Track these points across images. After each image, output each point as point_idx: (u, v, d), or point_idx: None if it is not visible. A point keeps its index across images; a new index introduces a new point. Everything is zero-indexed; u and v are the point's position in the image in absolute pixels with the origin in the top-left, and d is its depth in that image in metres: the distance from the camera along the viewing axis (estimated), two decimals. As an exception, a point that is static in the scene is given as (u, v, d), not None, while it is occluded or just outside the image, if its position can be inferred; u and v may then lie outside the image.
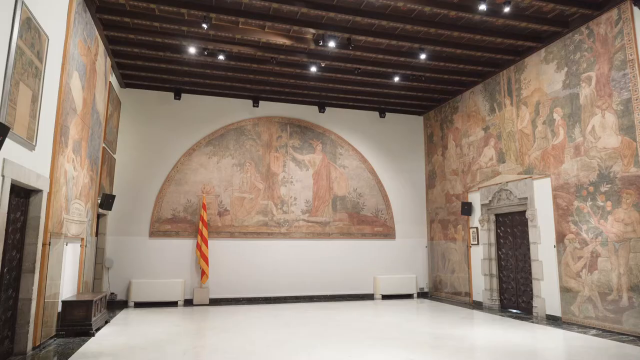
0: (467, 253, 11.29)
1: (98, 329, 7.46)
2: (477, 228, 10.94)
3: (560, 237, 8.44)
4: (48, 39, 5.85)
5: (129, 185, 11.09)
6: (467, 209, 11.13)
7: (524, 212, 9.55)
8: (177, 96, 11.53)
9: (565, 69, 8.56)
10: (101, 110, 9.17)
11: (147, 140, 11.40)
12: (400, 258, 12.87)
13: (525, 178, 9.39)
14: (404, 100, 12.47)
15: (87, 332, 6.88)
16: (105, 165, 9.92)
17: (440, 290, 12.44)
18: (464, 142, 11.67)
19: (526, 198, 9.37)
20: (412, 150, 13.58)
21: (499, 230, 10.49)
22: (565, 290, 8.27)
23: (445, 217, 12.31)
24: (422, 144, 13.71)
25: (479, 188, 10.93)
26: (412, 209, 13.25)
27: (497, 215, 10.54)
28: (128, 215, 10.96)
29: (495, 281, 10.37)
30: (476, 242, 10.93)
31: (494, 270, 10.41)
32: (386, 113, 13.28)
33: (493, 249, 10.51)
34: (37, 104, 5.63)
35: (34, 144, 5.57)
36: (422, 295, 12.76)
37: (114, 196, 9.54)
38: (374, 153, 13.17)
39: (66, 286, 7.43)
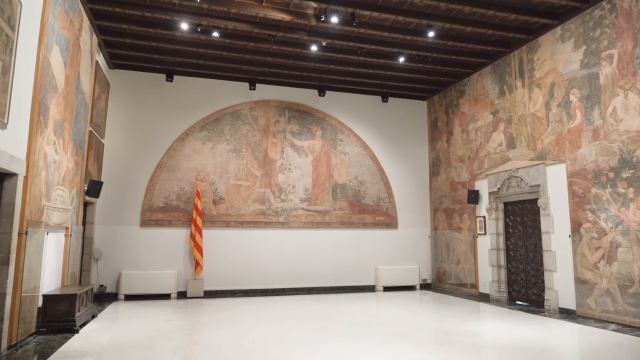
0: (473, 243, 10.82)
1: (83, 325, 6.95)
2: (484, 217, 10.46)
3: (575, 227, 7.96)
4: (21, 5, 5.24)
5: (119, 171, 10.50)
6: (474, 197, 10.64)
7: (535, 200, 9.06)
8: (169, 78, 10.90)
9: (584, 47, 8.02)
10: (87, 91, 8.55)
11: (137, 124, 10.79)
12: (403, 248, 12.40)
13: (538, 164, 8.89)
14: (408, 83, 11.89)
15: (70, 329, 6.35)
16: (93, 150, 9.33)
17: (443, 282, 11.99)
18: (470, 127, 11.14)
19: (538, 185, 8.88)
20: (415, 137, 13.04)
21: (507, 220, 10.01)
22: (580, 282, 7.81)
23: (450, 206, 11.82)
24: (425, 130, 13.17)
25: (486, 175, 10.42)
26: (415, 198, 12.75)
27: (506, 204, 10.06)
28: (118, 203, 10.39)
29: (503, 272, 9.91)
30: (483, 232, 10.46)
31: (502, 261, 9.94)
32: (389, 98, 12.70)
33: (501, 239, 10.04)
34: (9, 76, 5.04)
35: (5, 121, 4.99)
36: (424, 286, 12.31)
37: (102, 183, 8.97)
38: (375, 139, 12.62)
39: (49, 279, 6.89)
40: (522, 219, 9.56)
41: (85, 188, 8.72)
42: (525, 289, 9.38)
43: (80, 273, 9.32)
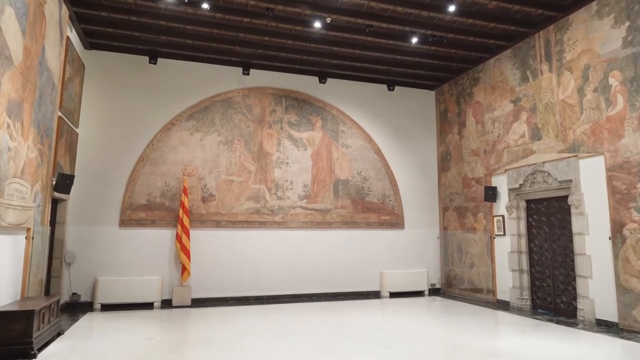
0: (490, 245, 9.83)
1: (45, 346, 5.78)
2: (503, 216, 9.47)
3: (617, 227, 6.99)
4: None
5: (95, 165, 9.30)
6: (491, 194, 9.64)
7: (565, 197, 8.09)
8: (153, 60, 9.71)
9: (627, 23, 7.04)
10: (55, 70, 7.36)
11: (116, 112, 9.60)
12: (410, 250, 11.38)
13: (569, 157, 7.91)
14: (417, 70, 10.84)
15: (26, 353, 5.19)
16: (64, 139, 8.13)
17: (454, 287, 11.00)
18: (486, 117, 10.14)
19: (570, 181, 7.90)
20: (422, 129, 12.01)
21: (530, 219, 9.03)
22: (624, 290, 6.84)
23: (463, 204, 10.82)
24: (433, 122, 12.15)
25: (505, 170, 9.43)
26: (423, 195, 11.73)
27: (528, 202, 9.07)
28: (94, 200, 9.20)
29: (525, 278, 8.93)
30: (502, 233, 9.47)
31: (525, 266, 8.96)
32: (395, 86, 11.64)
33: (523, 241, 9.06)
34: None
35: None
36: (433, 292, 11.30)
37: (73, 177, 7.79)
38: (380, 131, 11.57)
39: (4, 290, 5.71)
40: (549, 218, 8.58)
41: (54, 182, 7.53)
42: (552, 296, 8.41)
43: (48, 281, 8.13)
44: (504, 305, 9.24)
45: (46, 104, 6.99)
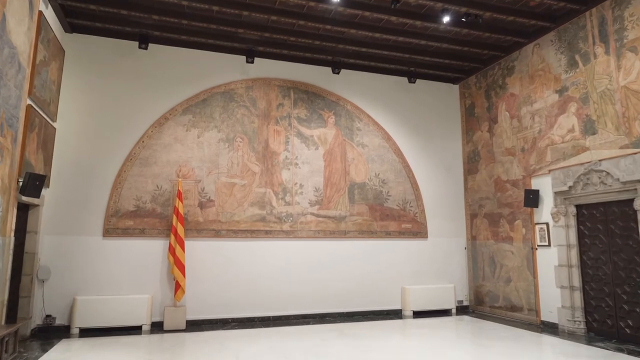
0: (531, 257, 8.53)
1: (-7, 393, 4.46)
2: (547, 224, 8.18)
3: None
4: None
5: (75, 165, 8.02)
6: (532, 199, 8.36)
7: (630, 201, 6.82)
8: (143, 44, 8.46)
9: None
10: (22, 47, 6.11)
11: (101, 104, 8.34)
12: (434, 263, 10.06)
13: (635, 153, 6.65)
14: (442, 59, 9.61)
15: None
16: (35, 133, 6.86)
17: (485, 304, 9.68)
18: (524, 111, 8.89)
19: (636, 181, 6.63)
20: (445, 127, 10.76)
21: (582, 227, 7.74)
22: None
23: (495, 210, 9.53)
24: (457, 119, 10.90)
25: (549, 171, 8.17)
26: (448, 201, 10.44)
27: (579, 207, 7.79)
28: (73, 206, 7.90)
29: (577, 296, 7.62)
30: (546, 243, 8.18)
31: (577, 282, 7.65)
32: (416, 79, 10.38)
33: (573, 253, 7.76)
34: None
35: None
36: (461, 310, 9.97)
37: (44, 177, 6.49)
38: (399, 129, 10.32)
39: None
40: (607, 226, 7.29)
41: (20, 184, 6.24)
42: (613, 319, 7.09)
43: (15, 301, 6.81)
44: (550, 328, 7.92)
45: (8, 88, 5.72)
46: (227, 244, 8.67)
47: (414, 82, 10.29)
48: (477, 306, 9.94)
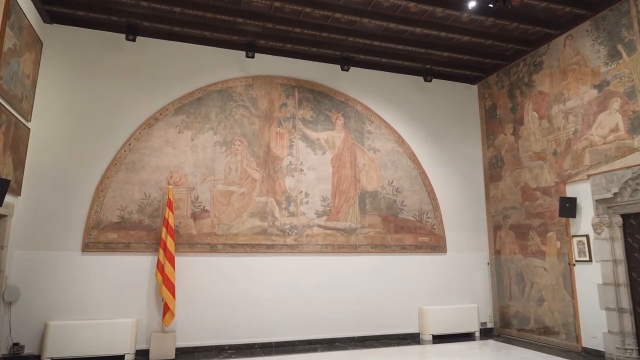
0: (568, 274, 7.52)
1: None
2: (587, 236, 7.20)
3: None
4: None
5: (52, 170, 7.07)
6: (569, 207, 7.39)
7: (692, 209, 5.86)
8: (131, 35, 7.56)
9: None
10: (-17, 31, 5.23)
11: (83, 103, 7.42)
12: (454, 280, 9.05)
13: (698, 153, 5.71)
14: (462, 54, 8.73)
15: None
16: (2, 132, 5.94)
17: (512, 327, 8.64)
18: (555, 110, 7.97)
19: (701, 186, 5.68)
20: (463, 131, 9.84)
21: (630, 240, 6.75)
22: None
23: (523, 221, 8.54)
24: (476, 121, 9.98)
25: (589, 176, 7.21)
26: (468, 211, 9.47)
27: (625, 216, 6.81)
28: (48, 217, 6.93)
29: (628, 320, 6.60)
30: (586, 258, 7.19)
31: (626, 303, 6.64)
32: (432, 78, 9.47)
33: (621, 269, 6.76)
34: None
35: None
36: (485, 333, 8.92)
37: (8, 182, 5.54)
38: (414, 132, 9.40)
39: None
40: (662, 238, 6.32)
41: (-22, 190, 5.29)
42: (674, 347, 6.07)
43: (-28, 329, 5.81)
44: (595, 357, 6.88)
45: (-37, 74, 4.82)
46: (224, 260, 7.68)
47: (430, 81, 9.38)
48: (503, 329, 8.89)
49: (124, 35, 7.62)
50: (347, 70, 8.75)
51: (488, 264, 9.34)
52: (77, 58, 7.49)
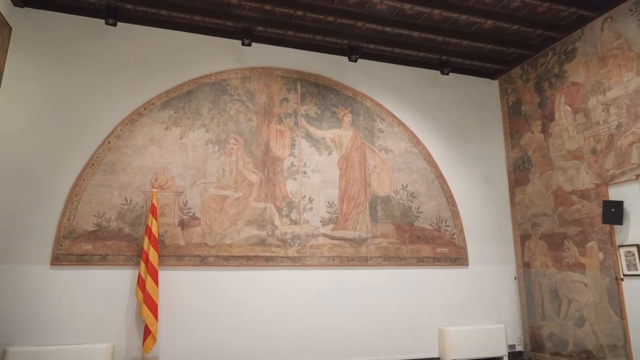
0: (615, 290, 6.47)
1: None
2: (637, 246, 6.18)
3: None
4: None
5: (17, 171, 6.15)
6: (614, 213, 6.38)
7: None
8: (111, 20, 6.68)
9: None
10: None
11: (56, 96, 6.54)
12: (478, 297, 8.00)
13: None
14: (483, 43, 7.82)
15: None
16: (-48, 124, 5.04)
17: (545, 350, 7.56)
18: (593, 102, 7.01)
19: None
20: (484, 130, 8.88)
21: (692, 250, 5.73)
22: None
23: (556, 230, 7.52)
24: (498, 120, 9.03)
25: (638, 176, 6.22)
26: (491, 218, 8.46)
27: (686, 222, 5.81)
28: (11, 224, 5.99)
29: (693, 345, 5.54)
30: (637, 272, 6.15)
31: (691, 325, 5.59)
32: (450, 71, 8.53)
33: (682, 284, 5.73)
34: None
35: None
36: (514, 357, 7.85)
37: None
38: (430, 131, 8.45)
39: None
40: None
41: None
42: None
43: None
44: (653, 389, 5.81)
45: None
46: (216, 275, 6.69)
47: (447, 74, 8.44)
48: (534, 353, 7.81)
49: (103, 21, 6.76)
50: (355, 61, 7.83)
51: (515, 278, 8.30)
52: (50, 45, 6.63)
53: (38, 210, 6.12)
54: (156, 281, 6.09)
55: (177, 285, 6.48)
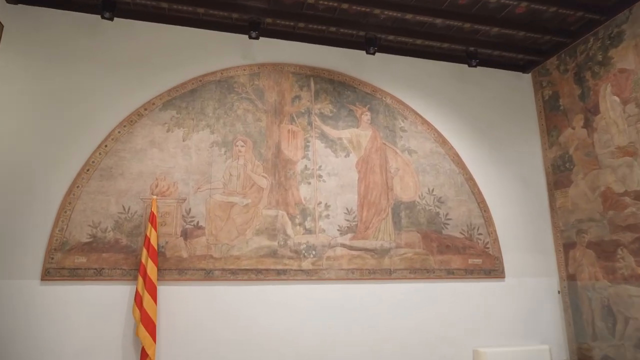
0: (683, 306, 5.53)
1: None
2: None
3: None
4: None
5: (7, 177, 5.66)
6: (680, 215, 5.48)
7: None
8: (107, 13, 6.20)
9: None
10: None
11: (50, 96, 6.06)
12: (516, 313, 7.11)
13: None
14: (515, 30, 7.07)
15: None
16: None
17: (597, 375, 6.60)
18: (647, 90, 6.16)
19: None
20: (517, 128, 8.06)
21: None
22: None
23: (607, 237, 6.61)
24: (533, 116, 8.20)
25: None
26: (528, 225, 7.59)
27: None
28: (-1, 236, 5.49)
29: None
30: None
31: None
32: (477, 63, 7.78)
33: None
34: None
35: None
36: (560, 382, 6.91)
37: None
38: (457, 130, 7.69)
39: None
40: None
41: None
42: None
43: None
44: None
45: None
46: (223, 290, 6.03)
47: (475, 67, 7.69)
48: (584, 378, 6.86)
49: (100, 17, 6.28)
50: (374, 54, 7.16)
51: (559, 292, 7.37)
52: (44, 43, 6.19)
53: (27, 220, 5.60)
54: (155, 298, 5.47)
55: (179, 302, 5.84)
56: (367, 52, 7.11)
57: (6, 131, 5.76)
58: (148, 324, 5.35)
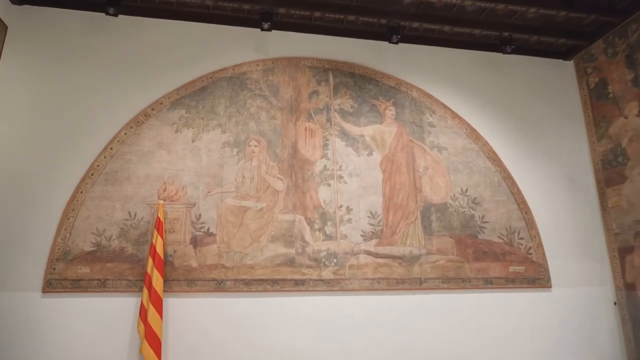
0: None
1: None
2: None
3: None
4: None
5: (7, 183, 5.37)
6: None
7: None
8: (112, 9, 5.88)
9: None
10: None
11: (54, 97, 5.78)
12: (565, 327, 6.29)
13: None
14: (555, 10, 6.36)
15: None
16: None
17: (665, 400, 5.69)
18: None
19: None
20: (560, 121, 7.28)
21: None
22: None
23: (672, 240, 5.76)
24: (577, 107, 7.40)
25: None
26: (576, 228, 6.77)
27: None
28: (-1, 246, 5.18)
29: None
30: None
31: None
32: (512, 49, 7.07)
33: None
34: None
35: None
36: (621, 407, 6.03)
37: None
38: (492, 124, 6.99)
39: None
40: None
41: None
42: None
43: None
44: None
45: None
46: (235, 302, 5.52)
47: (510, 53, 6.99)
48: (649, 402, 5.96)
49: (104, 14, 5.97)
50: (397, 43, 6.61)
51: (615, 303, 6.51)
52: (48, 44, 5.93)
53: (28, 228, 5.28)
54: (160, 312, 5.02)
55: (188, 315, 5.37)
56: (390, 42, 6.56)
57: (7, 135, 5.49)
58: (153, 340, 4.90)
